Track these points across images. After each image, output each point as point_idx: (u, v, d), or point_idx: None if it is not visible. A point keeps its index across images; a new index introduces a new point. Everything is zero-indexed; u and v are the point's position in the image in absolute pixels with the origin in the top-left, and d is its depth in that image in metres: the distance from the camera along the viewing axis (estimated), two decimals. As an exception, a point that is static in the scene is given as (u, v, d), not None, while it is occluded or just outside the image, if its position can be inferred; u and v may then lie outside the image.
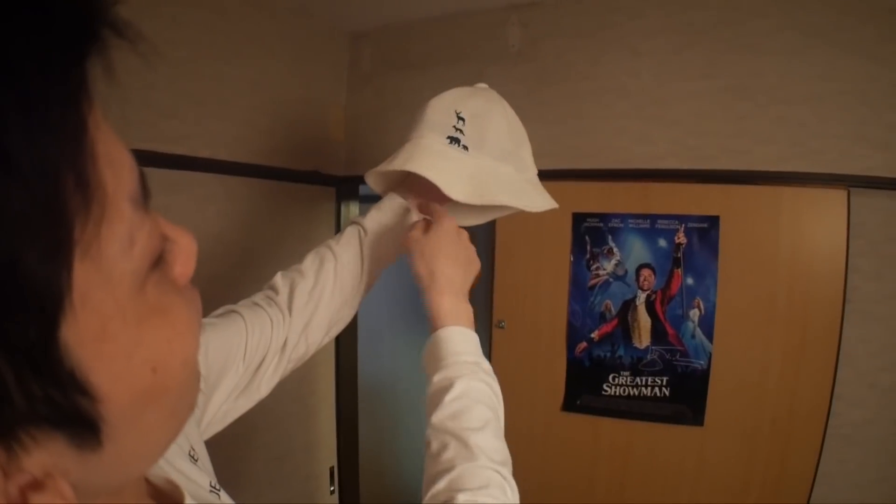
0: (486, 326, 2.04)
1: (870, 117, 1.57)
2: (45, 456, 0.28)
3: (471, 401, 0.78)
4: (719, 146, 1.71)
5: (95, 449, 0.30)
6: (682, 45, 1.74)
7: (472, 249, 0.98)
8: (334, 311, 0.96)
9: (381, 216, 1.02)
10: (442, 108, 1.00)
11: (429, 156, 0.96)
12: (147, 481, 0.47)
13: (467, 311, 0.91)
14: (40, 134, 0.24)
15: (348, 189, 2.32)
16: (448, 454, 0.71)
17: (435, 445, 0.74)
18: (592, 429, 1.90)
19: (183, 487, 0.47)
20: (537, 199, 1.06)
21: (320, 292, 0.94)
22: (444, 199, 1.01)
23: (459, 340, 0.85)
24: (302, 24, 2.06)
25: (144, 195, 0.31)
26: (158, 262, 0.32)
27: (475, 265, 0.98)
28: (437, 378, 0.81)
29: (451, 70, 2.06)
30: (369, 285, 1.01)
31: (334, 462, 2.42)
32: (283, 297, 0.92)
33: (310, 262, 0.97)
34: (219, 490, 0.61)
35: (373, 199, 1.11)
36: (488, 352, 2.01)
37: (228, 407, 0.84)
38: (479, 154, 0.99)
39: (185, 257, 0.36)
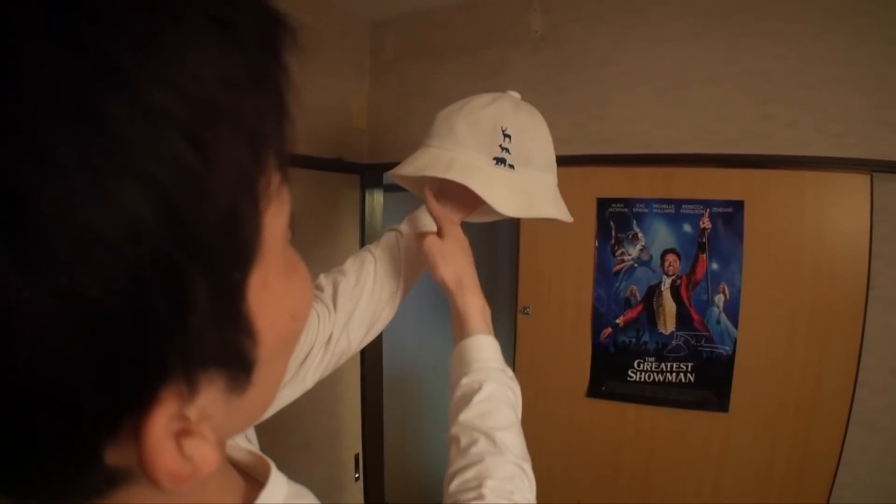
0: (511, 312, 2.12)
1: (890, 102, 1.62)
2: (205, 400, 0.31)
3: (498, 402, 0.85)
4: (742, 130, 1.77)
5: (242, 393, 0.34)
6: (704, 29, 1.80)
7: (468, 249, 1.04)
8: (375, 308, 1.02)
9: (417, 222, 1.07)
10: (485, 123, 1.00)
11: (476, 173, 0.98)
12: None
13: (488, 312, 0.97)
14: (264, 106, 0.31)
15: (372, 176, 2.42)
16: (477, 448, 0.79)
17: (464, 441, 0.81)
18: (617, 415, 1.96)
19: (268, 459, 0.51)
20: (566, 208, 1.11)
21: (361, 290, 1.00)
22: (476, 204, 1.07)
23: (487, 348, 0.91)
24: (323, 13, 2.16)
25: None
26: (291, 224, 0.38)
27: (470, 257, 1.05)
28: (466, 381, 0.88)
29: (474, 57, 2.15)
30: (408, 286, 1.07)
31: (359, 449, 2.53)
32: (327, 294, 0.99)
33: (350, 263, 1.03)
34: None
35: (396, 188, 1.16)
36: (513, 337, 2.10)
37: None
38: (525, 169, 1.01)
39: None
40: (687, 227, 1.86)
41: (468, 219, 1.14)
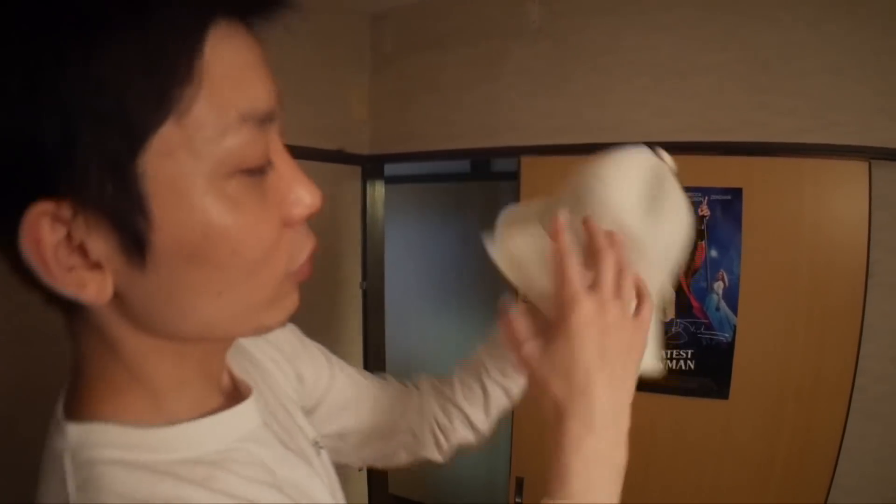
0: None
1: (888, 90, 1.62)
2: (104, 247, 0.39)
3: None
4: (739, 118, 1.77)
5: (140, 268, 0.40)
6: (701, 18, 1.80)
7: (638, 328, 0.65)
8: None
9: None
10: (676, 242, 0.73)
11: None
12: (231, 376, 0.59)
13: (619, 464, 0.62)
14: (170, 24, 0.36)
15: (373, 168, 2.44)
16: None
17: None
18: (617, 402, 1.96)
19: (253, 387, 0.56)
20: None
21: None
22: None
23: None
24: (323, 5, 2.17)
25: (262, 119, 0.42)
26: (255, 173, 0.43)
27: (639, 353, 0.66)
28: None
29: (473, 48, 2.16)
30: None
31: (363, 440, 2.52)
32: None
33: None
34: (321, 448, 0.67)
35: (397, 180, 1.04)
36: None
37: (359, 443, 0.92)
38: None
39: (302, 208, 0.49)
40: (686, 215, 1.85)
41: None
